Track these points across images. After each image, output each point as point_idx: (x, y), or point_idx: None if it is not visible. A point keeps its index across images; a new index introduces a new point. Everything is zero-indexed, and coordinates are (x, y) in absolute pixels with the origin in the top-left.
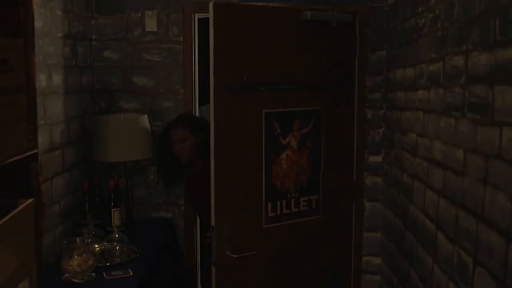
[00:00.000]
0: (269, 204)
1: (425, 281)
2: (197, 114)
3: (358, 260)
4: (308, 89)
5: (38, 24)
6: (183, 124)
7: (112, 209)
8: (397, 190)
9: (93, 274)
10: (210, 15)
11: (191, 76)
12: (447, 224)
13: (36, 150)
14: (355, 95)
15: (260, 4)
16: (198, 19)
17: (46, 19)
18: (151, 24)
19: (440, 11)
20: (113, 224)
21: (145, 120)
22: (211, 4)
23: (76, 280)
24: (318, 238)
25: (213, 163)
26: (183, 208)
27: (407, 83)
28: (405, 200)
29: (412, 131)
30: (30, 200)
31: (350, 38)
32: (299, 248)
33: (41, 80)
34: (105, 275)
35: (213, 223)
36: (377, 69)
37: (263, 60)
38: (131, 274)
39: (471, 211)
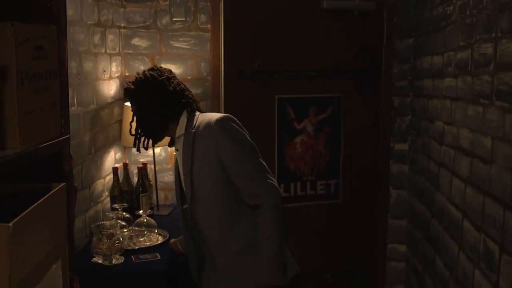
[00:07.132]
0: (281, 185)
1: (450, 268)
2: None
3: (383, 247)
4: (328, 76)
5: (68, 11)
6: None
7: (141, 194)
8: (423, 178)
9: (122, 257)
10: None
11: (219, 63)
12: (473, 212)
13: (68, 135)
14: (382, 82)
15: None
16: None
17: (77, 6)
18: (179, 12)
19: None
20: (141, 208)
21: None
22: None
23: (106, 263)
24: (338, 223)
25: None
26: None
27: (435, 71)
28: (431, 188)
29: (439, 119)
30: (62, 184)
31: (376, 26)
32: (318, 231)
33: (72, 67)
34: (133, 259)
35: None
36: (405, 57)
37: (277, 48)
38: (159, 257)
39: (498, 199)
